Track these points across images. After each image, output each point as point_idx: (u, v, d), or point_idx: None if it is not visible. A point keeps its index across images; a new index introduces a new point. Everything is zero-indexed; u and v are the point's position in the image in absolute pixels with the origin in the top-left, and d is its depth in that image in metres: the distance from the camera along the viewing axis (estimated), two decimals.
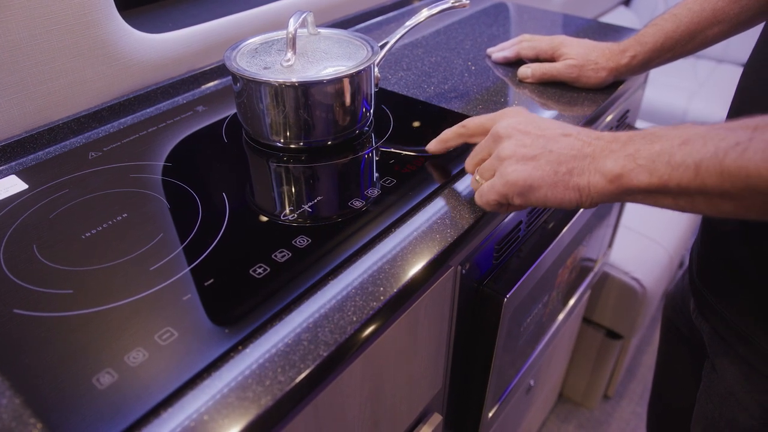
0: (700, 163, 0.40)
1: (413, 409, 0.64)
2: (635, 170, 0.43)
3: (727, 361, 0.61)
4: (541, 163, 0.48)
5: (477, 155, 0.56)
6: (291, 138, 0.65)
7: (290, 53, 0.63)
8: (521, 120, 0.52)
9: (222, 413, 0.38)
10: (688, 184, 0.41)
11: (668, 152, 0.42)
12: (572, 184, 0.47)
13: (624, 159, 0.44)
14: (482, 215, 0.57)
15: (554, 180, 0.48)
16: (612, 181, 0.45)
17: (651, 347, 1.72)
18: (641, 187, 0.43)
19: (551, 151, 0.48)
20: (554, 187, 0.48)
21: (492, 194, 0.51)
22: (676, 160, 0.41)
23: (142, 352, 0.42)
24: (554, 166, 0.48)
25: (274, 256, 0.51)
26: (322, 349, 0.43)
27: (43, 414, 0.38)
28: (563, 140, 0.49)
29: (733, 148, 0.38)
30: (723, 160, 0.38)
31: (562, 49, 0.81)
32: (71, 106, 0.72)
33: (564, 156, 0.48)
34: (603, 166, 0.46)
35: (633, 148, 0.44)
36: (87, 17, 0.68)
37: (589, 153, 0.47)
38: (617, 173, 0.44)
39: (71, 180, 0.62)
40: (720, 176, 0.39)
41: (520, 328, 0.77)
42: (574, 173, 0.47)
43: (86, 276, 0.49)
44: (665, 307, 0.85)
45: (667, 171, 0.42)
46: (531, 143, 0.50)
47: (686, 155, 0.41)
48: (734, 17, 0.72)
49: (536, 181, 0.48)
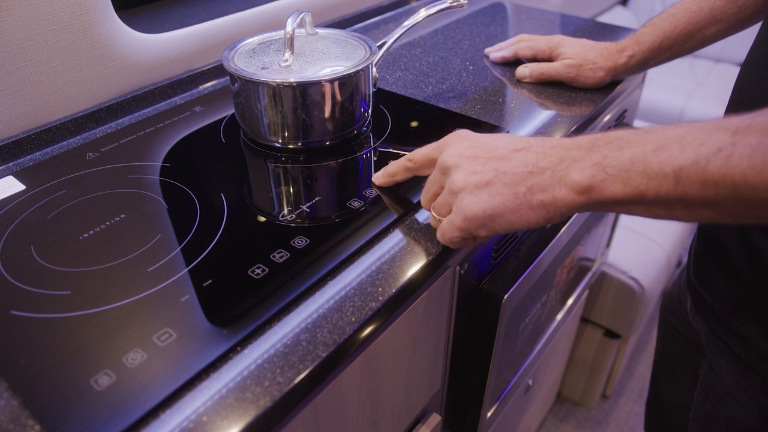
0: (680, 171, 0.37)
1: (412, 409, 0.64)
2: (606, 180, 0.40)
3: (724, 360, 0.61)
4: (497, 188, 0.44)
5: (429, 190, 0.52)
6: (289, 138, 0.65)
7: (288, 53, 0.63)
8: (467, 145, 0.48)
9: (221, 414, 0.38)
10: (668, 194, 0.38)
11: (642, 160, 0.39)
12: (536, 202, 0.43)
13: (591, 168, 0.41)
14: None
15: (515, 203, 0.44)
16: (581, 193, 0.42)
17: (649, 346, 1.72)
18: (615, 199, 0.40)
19: (505, 172, 0.44)
20: (517, 211, 0.44)
21: (453, 231, 0.47)
22: (652, 168, 0.38)
23: (141, 353, 0.42)
24: (512, 188, 0.44)
25: (272, 256, 0.51)
26: (321, 350, 0.43)
27: (40, 415, 0.38)
28: (515, 157, 0.45)
29: (715, 154, 0.35)
30: (706, 168, 0.36)
31: (559, 48, 0.81)
32: (68, 107, 0.72)
33: (519, 174, 0.44)
34: (568, 177, 0.42)
35: (599, 156, 0.41)
36: (84, 17, 0.68)
37: (548, 165, 0.43)
38: (586, 185, 0.41)
39: (69, 181, 0.62)
40: (703, 185, 0.36)
41: (519, 327, 0.77)
42: (536, 190, 0.43)
43: (84, 277, 0.49)
44: (662, 306, 0.85)
45: (643, 181, 0.38)
46: (481, 168, 0.45)
47: (663, 163, 0.37)
48: (732, 17, 0.73)
49: (496, 208, 0.44)
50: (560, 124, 0.73)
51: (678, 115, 2.06)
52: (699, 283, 0.66)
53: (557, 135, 0.71)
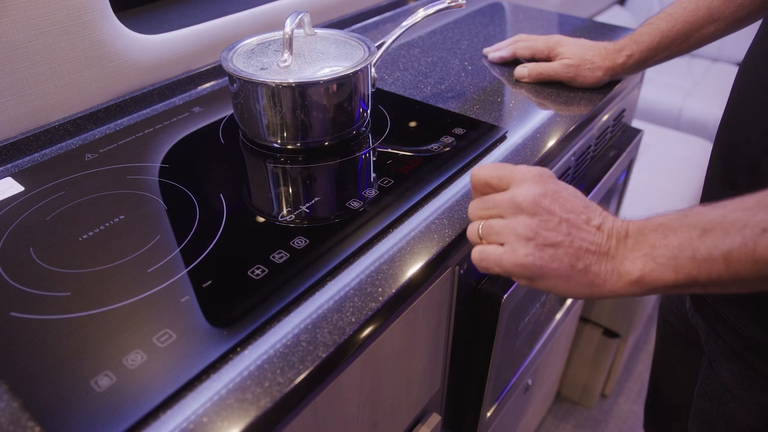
0: (729, 254, 0.38)
1: (412, 409, 0.64)
2: (657, 270, 0.41)
3: (724, 358, 0.62)
4: (560, 253, 0.44)
5: (489, 210, 0.48)
6: (288, 139, 0.65)
7: (287, 54, 0.63)
8: (548, 193, 0.46)
9: (221, 415, 0.38)
10: (720, 276, 0.39)
11: (690, 246, 0.40)
12: (586, 280, 0.44)
13: (642, 259, 0.42)
14: None
15: (569, 273, 0.44)
16: (633, 284, 0.43)
17: (648, 345, 1.72)
18: (667, 285, 0.41)
19: (572, 243, 0.44)
20: (567, 280, 0.44)
21: (496, 266, 0.46)
22: (701, 254, 0.39)
23: (141, 354, 0.42)
24: (573, 259, 0.44)
25: (272, 257, 0.51)
26: (321, 350, 0.43)
27: (41, 417, 0.38)
28: (586, 231, 0.45)
29: (760, 235, 0.37)
30: (754, 250, 0.37)
31: (558, 48, 0.81)
32: (67, 108, 0.71)
33: (584, 250, 0.44)
34: (621, 267, 0.43)
35: (648, 246, 0.42)
36: (82, 18, 0.68)
37: (607, 251, 0.44)
38: (638, 276, 0.42)
39: (68, 182, 0.62)
40: (754, 264, 0.38)
41: (518, 327, 0.77)
42: (591, 271, 0.44)
43: (83, 278, 0.49)
44: (661, 305, 0.85)
45: (694, 267, 0.40)
46: (554, 227, 0.45)
47: (711, 248, 0.39)
48: (729, 16, 0.73)
49: (552, 271, 0.44)
50: (559, 123, 0.73)
51: (676, 114, 2.06)
52: None
53: (556, 134, 0.71)
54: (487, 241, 0.48)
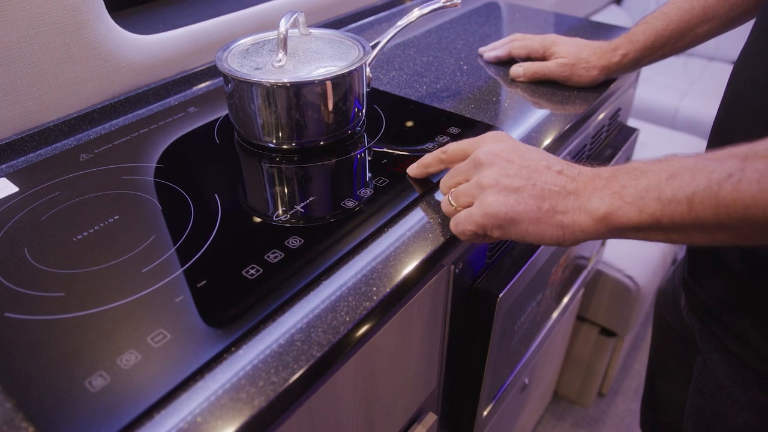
0: (693, 196, 0.39)
1: (408, 409, 0.64)
2: (623, 208, 0.42)
3: (718, 356, 0.62)
4: (524, 197, 0.46)
5: (454, 177, 0.53)
6: (283, 138, 0.65)
7: (281, 54, 0.63)
8: (505, 147, 0.50)
9: (215, 415, 0.38)
10: (682, 219, 0.40)
11: (657, 187, 0.41)
12: (555, 221, 0.45)
13: (610, 197, 0.43)
14: None
15: (537, 215, 0.46)
16: (599, 221, 0.44)
17: (645, 344, 1.73)
18: (631, 225, 0.42)
19: (535, 185, 0.46)
20: (536, 223, 0.46)
21: (469, 224, 0.49)
22: (666, 195, 0.40)
23: (135, 354, 0.42)
24: (538, 201, 0.46)
25: (266, 257, 0.51)
26: (316, 350, 0.43)
27: (35, 418, 0.38)
28: (548, 174, 0.47)
29: (726, 180, 0.38)
30: (718, 193, 0.38)
31: (553, 47, 0.82)
32: (62, 108, 0.71)
33: (548, 191, 0.46)
34: (588, 204, 0.44)
35: (618, 185, 0.43)
36: (77, 19, 0.68)
37: (573, 190, 0.45)
38: (604, 212, 0.43)
39: (62, 182, 0.62)
40: (716, 209, 0.38)
41: (514, 326, 0.77)
42: (558, 210, 0.45)
43: (78, 279, 0.49)
44: (656, 303, 0.85)
45: (658, 207, 0.40)
46: (515, 173, 0.47)
47: (677, 189, 0.40)
48: (724, 15, 0.73)
49: (518, 214, 0.46)
50: (554, 122, 0.73)
51: (672, 113, 2.06)
52: (693, 280, 0.66)
53: (551, 133, 0.71)
54: (459, 206, 0.51)
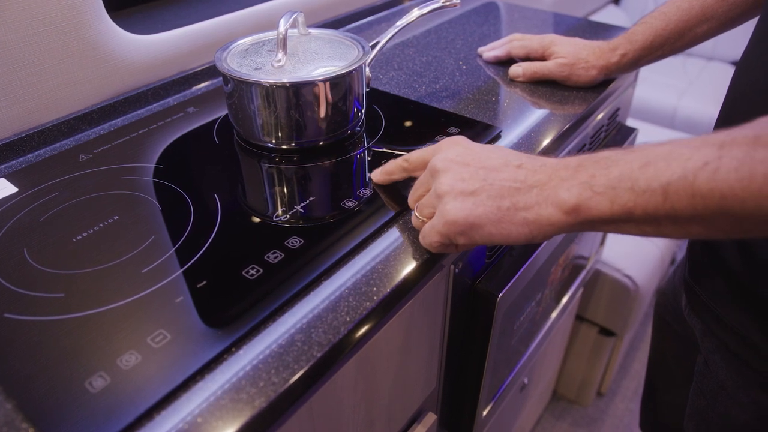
0: (668, 186, 0.37)
1: (408, 409, 0.64)
2: (593, 198, 0.40)
3: (719, 356, 0.62)
4: (482, 198, 0.44)
5: (416, 191, 0.53)
6: (282, 139, 0.65)
7: (281, 54, 0.63)
8: (459, 151, 0.48)
9: (216, 415, 0.38)
10: (656, 210, 0.38)
11: (629, 177, 0.38)
12: (519, 218, 0.43)
13: (579, 187, 0.41)
14: None
15: (498, 216, 0.44)
16: (568, 213, 0.41)
17: (644, 344, 1.73)
18: (603, 217, 0.40)
19: (492, 184, 0.44)
20: (499, 224, 0.44)
21: (434, 235, 0.47)
22: (640, 185, 0.38)
23: (135, 355, 0.42)
24: (496, 200, 0.44)
25: (266, 257, 0.51)
26: (316, 350, 0.43)
27: (35, 419, 0.38)
28: (506, 171, 0.45)
29: (702, 168, 0.35)
30: (693, 182, 0.36)
31: (552, 47, 0.82)
32: (61, 109, 0.71)
33: (506, 189, 0.44)
34: (555, 196, 0.42)
35: (587, 175, 0.41)
36: (76, 19, 0.68)
37: (535, 183, 0.43)
38: (573, 204, 0.41)
39: (61, 183, 0.62)
40: (691, 199, 0.36)
41: (514, 326, 0.77)
42: (520, 207, 0.43)
43: (78, 279, 0.49)
44: (657, 303, 0.86)
45: (631, 197, 0.38)
46: (470, 176, 0.45)
47: (651, 179, 0.37)
48: (722, 15, 0.73)
49: (478, 218, 0.44)
50: (553, 122, 0.73)
51: (671, 113, 2.07)
52: (694, 281, 0.66)
53: (551, 133, 0.71)
54: (425, 218, 0.50)
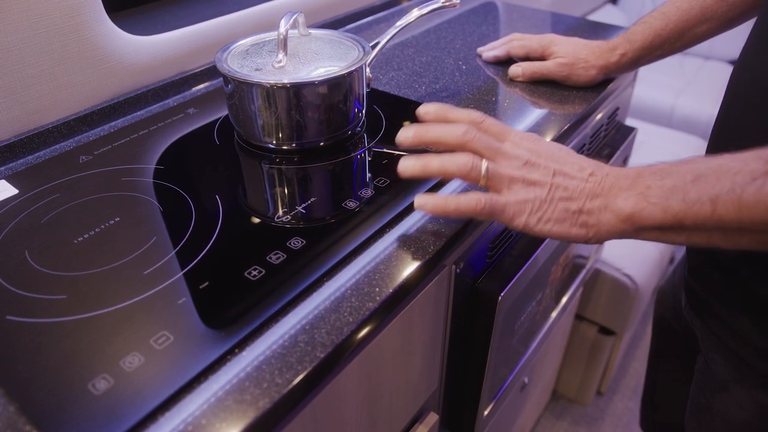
0: (717, 198, 0.40)
1: (410, 409, 0.64)
2: (647, 208, 0.43)
3: (719, 355, 0.62)
4: (554, 198, 0.48)
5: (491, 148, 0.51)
6: (283, 139, 0.65)
7: (281, 54, 0.63)
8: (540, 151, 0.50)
9: (219, 417, 0.38)
10: (705, 221, 0.41)
11: (682, 188, 0.42)
12: (581, 221, 0.47)
13: (635, 197, 0.44)
14: None
15: (563, 216, 0.47)
16: (624, 220, 0.45)
17: (643, 343, 1.73)
18: (655, 225, 0.43)
19: (566, 188, 0.48)
20: (562, 222, 0.47)
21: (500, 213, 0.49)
22: (690, 196, 0.41)
23: (138, 356, 0.42)
24: (566, 202, 0.47)
25: (268, 258, 0.51)
26: (319, 351, 0.43)
27: (38, 421, 0.38)
28: (578, 177, 0.48)
29: (749, 183, 0.39)
30: (741, 195, 0.39)
31: (552, 47, 0.82)
32: (61, 110, 0.71)
33: (578, 192, 0.47)
34: (614, 204, 0.45)
35: (643, 186, 0.44)
36: (75, 20, 0.68)
37: (600, 191, 0.47)
38: (629, 212, 0.44)
39: (62, 184, 0.62)
40: (738, 211, 0.39)
41: (514, 326, 0.77)
42: (584, 211, 0.47)
43: (79, 281, 0.48)
44: (656, 302, 0.86)
45: (682, 208, 0.42)
46: (543, 174, 0.49)
47: (701, 192, 0.41)
48: (722, 15, 0.73)
49: (546, 214, 0.48)
50: (553, 122, 0.73)
51: (669, 112, 2.07)
52: (694, 281, 0.66)
53: (550, 133, 0.71)
54: (486, 181, 0.50)
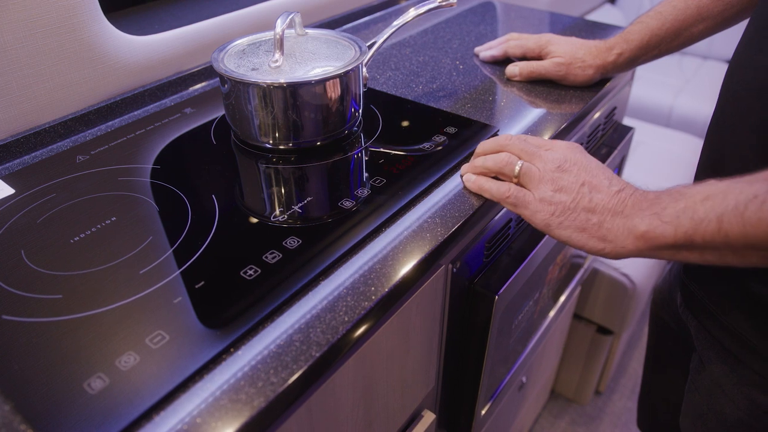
0: (722, 216, 0.42)
1: (406, 408, 0.64)
2: (660, 227, 0.46)
3: (714, 354, 0.62)
4: (579, 207, 0.51)
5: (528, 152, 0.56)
6: (280, 139, 0.65)
7: (278, 54, 0.63)
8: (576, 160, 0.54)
9: (215, 416, 0.38)
10: (713, 238, 0.43)
11: (692, 208, 0.44)
12: (600, 234, 0.50)
13: (650, 217, 0.47)
14: (472, 213, 0.58)
15: (584, 226, 0.51)
16: (638, 238, 0.48)
17: (641, 342, 1.73)
18: (668, 243, 0.46)
19: (591, 200, 0.51)
20: (582, 232, 0.51)
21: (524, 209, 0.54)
22: (699, 215, 0.44)
23: (134, 356, 0.42)
24: (589, 214, 0.51)
25: (264, 257, 0.51)
26: (315, 350, 0.43)
27: (33, 420, 0.38)
28: (605, 192, 0.51)
29: (752, 201, 0.41)
30: (744, 213, 0.41)
31: (549, 47, 0.82)
32: (57, 110, 0.71)
33: (600, 207, 0.51)
34: (631, 224, 0.48)
35: (660, 207, 0.47)
36: (72, 20, 0.68)
37: (622, 210, 0.50)
38: (643, 231, 0.47)
39: (59, 184, 0.62)
40: (742, 228, 0.41)
41: (512, 325, 0.77)
42: (605, 226, 0.50)
43: (75, 280, 0.49)
44: (653, 301, 0.86)
45: (691, 226, 0.44)
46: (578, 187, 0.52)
47: (708, 210, 0.43)
48: (718, 14, 0.73)
49: (568, 221, 0.51)
50: (550, 122, 0.73)
51: (667, 111, 2.07)
52: (689, 279, 0.66)
53: (548, 132, 0.71)
54: (518, 180, 0.56)
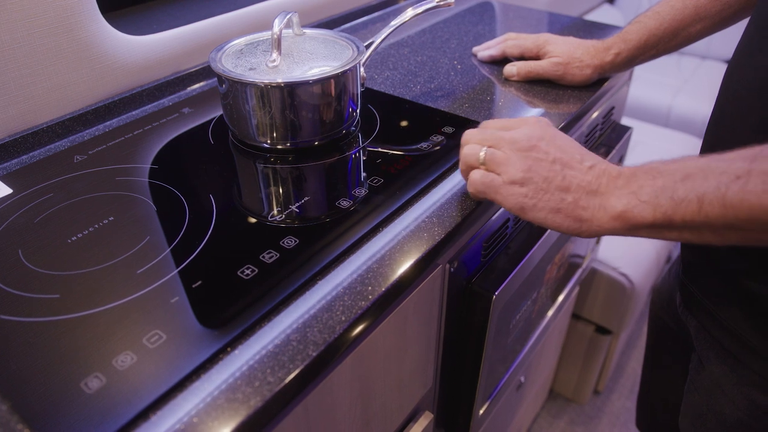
0: (703, 197, 0.41)
1: (404, 408, 0.64)
2: (638, 207, 0.44)
3: (713, 354, 0.62)
4: (551, 187, 0.49)
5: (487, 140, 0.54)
6: (278, 139, 0.65)
7: (275, 54, 0.63)
8: (544, 136, 0.52)
9: (212, 415, 0.38)
10: (693, 218, 0.42)
11: (671, 187, 0.43)
12: (575, 214, 0.48)
13: (627, 196, 0.45)
14: (470, 213, 0.58)
15: (558, 207, 0.49)
16: (616, 218, 0.46)
17: (640, 342, 1.73)
18: (646, 223, 0.44)
19: (564, 178, 0.49)
20: (556, 213, 0.49)
21: (494, 194, 0.52)
22: (678, 195, 0.42)
23: (131, 355, 0.42)
24: (563, 194, 0.48)
25: (262, 257, 0.51)
26: (311, 349, 0.43)
27: (30, 420, 0.38)
28: (578, 168, 0.49)
29: (734, 181, 0.40)
30: (725, 194, 0.40)
31: (547, 47, 0.82)
32: (55, 110, 0.71)
33: (574, 186, 0.48)
34: (607, 202, 0.47)
35: (636, 185, 0.45)
36: (70, 20, 0.68)
37: (598, 187, 0.48)
38: (620, 210, 0.45)
39: (56, 184, 0.62)
40: (723, 209, 0.40)
41: (510, 325, 0.77)
42: (580, 205, 0.48)
43: (73, 280, 0.49)
44: (652, 301, 0.86)
45: (670, 206, 0.43)
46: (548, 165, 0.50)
47: (689, 190, 0.42)
48: (716, 14, 0.73)
49: (541, 202, 0.49)
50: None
51: (666, 111, 2.07)
52: (689, 279, 0.66)
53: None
54: (486, 167, 0.53)
